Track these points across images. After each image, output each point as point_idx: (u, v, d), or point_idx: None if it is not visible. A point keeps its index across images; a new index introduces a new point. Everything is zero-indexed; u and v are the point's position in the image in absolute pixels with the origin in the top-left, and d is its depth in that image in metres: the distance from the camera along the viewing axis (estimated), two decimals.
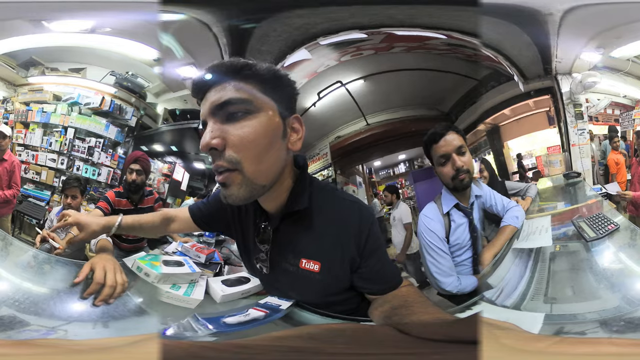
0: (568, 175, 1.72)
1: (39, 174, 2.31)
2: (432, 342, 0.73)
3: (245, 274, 1.47)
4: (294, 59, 1.81)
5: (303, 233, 0.98)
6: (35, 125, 2.29)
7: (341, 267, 1.00)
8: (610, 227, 1.43)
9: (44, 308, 1.07)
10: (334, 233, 0.97)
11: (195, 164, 2.93)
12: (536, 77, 1.68)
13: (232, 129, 0.74)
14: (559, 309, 1.23)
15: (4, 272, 1.27)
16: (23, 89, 2.22)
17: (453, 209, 1.59)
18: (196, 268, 1.39)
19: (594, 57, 1.60)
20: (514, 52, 1.64)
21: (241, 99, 0.75)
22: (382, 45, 1.73)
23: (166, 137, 2.51)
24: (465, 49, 1.64)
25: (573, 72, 1.63)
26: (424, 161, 1.91)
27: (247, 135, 0.75)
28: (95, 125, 2.33)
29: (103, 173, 2.39)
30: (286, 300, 1.13)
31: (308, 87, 1.87)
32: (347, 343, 0.78)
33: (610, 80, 1.61)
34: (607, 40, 1.55)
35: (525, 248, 1.56)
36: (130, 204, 2.13)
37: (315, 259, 0.98)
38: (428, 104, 1.79)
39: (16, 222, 2.24)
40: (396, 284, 1.07)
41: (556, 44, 1.57)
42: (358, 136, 1.87)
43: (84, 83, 2.25)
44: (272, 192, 0.91)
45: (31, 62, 2.17)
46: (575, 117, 1.67)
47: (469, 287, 1.52)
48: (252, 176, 0.80)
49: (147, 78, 2.30)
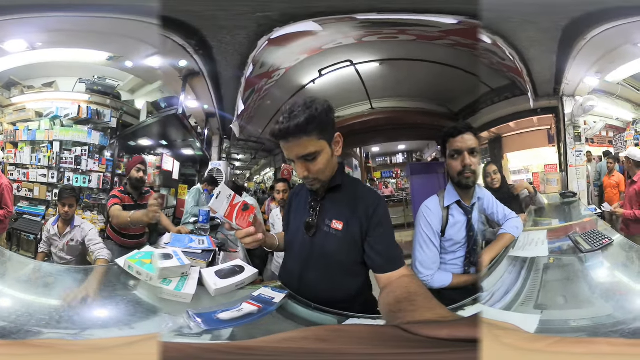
0: (564, 195, 1.76)
1: (32, 191, 2.41)
2: (435, 342, 0.74)
3: (239, 262, 1.47)
4: (294, 30, 1.73)
5: (335, 203, 1.33)
6: (23, 144, 2.39)
7: (356, 227, 1.28)
8: (605, 241, 1.49)
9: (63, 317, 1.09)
10: (353, 205, 1.30)
11: (184, 151, 2.94)
12: (545, 96, 1.76)
13: (311, 165, 1.21)
14: (549, 315, 1.23)
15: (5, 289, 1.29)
16: (8, 109, 2.32)
17: (454, 205, 1.57)
18: (185, 260, 1.38)
19: (594, 82, 1.73)
20: (538, 69, 1.70)
21: (312, 153, 1.19)
22: (431, 35, 1.70)
23: (150, 130, 2.58)
24: (494, 56, 1.67)
25: (576, 95, 1.74)
26: (422, 155, 1.86)
27: (318, 168, 1.22)
28: (78, 135, 2.44)
29: (93, 179, 2.49)
30: (279, 292, 1.29)
31: (307, 63, 1.83)
32: (354, 344, 0.80)
33: (604, 104, 1.74)
34: (604, 65, 1.69)
35: (519, 257, 1.55)
36: (131, 200, 2.27)
37: (340, 220, 1.30)
38: (439, 100, 1.77)
39: (13, 239, 2.32)
40: (396, 262, 1.25)
41: (570, 67, 1.67)
42: (360, 118, 1.80)
43: (59, 95, 2.35)
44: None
45: (11, 82, 2.26)
46: (574, 138, 1.75)
47: (437, 283, 1.53)
48: (323, 180, 1.28)
49: (116, 77, 2.38)
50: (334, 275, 1.32)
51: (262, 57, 1.95)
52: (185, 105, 2.48)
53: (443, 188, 1.59)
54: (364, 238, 1.27)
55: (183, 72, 2.29)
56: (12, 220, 2.30)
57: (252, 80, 2.09)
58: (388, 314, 1.09)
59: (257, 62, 1.99)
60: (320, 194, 1.34)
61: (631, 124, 1.87)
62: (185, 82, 2.34)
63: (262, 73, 2.05)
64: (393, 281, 1.20)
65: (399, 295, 1.10)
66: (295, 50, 1.86)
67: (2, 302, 1.21)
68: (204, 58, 2.09)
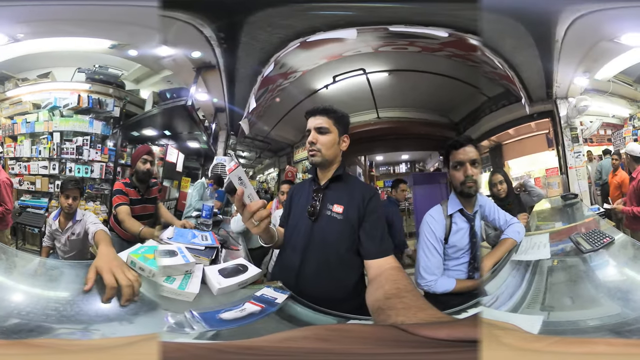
0: (566, 197, 1.78)
1: (34, 184, 2.38)
2: (435, 342, 0.74)
3: (242, 261, 1.48)
4: (332, 36, 1.81)
5: (337, 190, 1.51)
6: (22, 137, 2.37)
7: (354, 212, 1.45)
8: (606, 240, 1.50)
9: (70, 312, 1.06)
10: (352, 192, 1.49)
11: (189, 143, 2.86)
12: (540, 101, 1.80)
13: (321, 137, 1.48)
14: (556, 316, 1.23)
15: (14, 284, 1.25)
16: (4, 103, 2.29)
17: (457, 213, 1.64)
18: (190, 258, 1.34)
19: (584, 82, 1.76)
20: (527, 75, 1.76)
21: (325, 127, 1.48)
22: (432, 47, 1.78)
23: (155, 120, 2.49)
24: (486, 65, 1.73)
25: (569, 96, 1.76)
26: (425, 165, 1.91)
27: (323, 141, 1.48)
28: (79, 124, 2.38)
29: (95, 169, 2.42)
30: (282, 293, 1.29)
31: (324, 69, 1.90)
32: (354, 343, 0.79)
33: (598, 102, 1.75)
34: (589, 64, 1.71)
35: (523, 261, 1.58)
36: (138, 194, 2.17)
37: (340, 204, 1.47)
38: (441, 110, 1.84)
39: (18, 234, 2.29)
40: (387, 250, 1.39)
41: (557, 69, 1.71)
42: (366, 127, 1.87)
43: (57, 86, 2.31)
44: (328, 169, 1.52)
45: (4, 76, 2.24)
46: (571, 140, 1.77)
47: (440, 288, 1.60)
48: (323, 155, 1.48)
49: (120, 67, 2.32)
50: (331, 265, 1.44)
51: (286, 58, 2.02)
52: (195, 97, 2.44)
53: (445, 198, 1.68)
54: (359, 224, 1.44)
55: (197, 63, 2.27)
56: (16, 215, 2.26)
57: (268, 79, 2.14)
58: (376, 310, 1.10)
59: (279, 62, 2.06)
60: (322, 183, 1.53)
61: (628, 120, 1.87)
62: (198, 73, 2.31)
63: (280, 73, 2.11)
64: (382, 272, 1.29)
65: (388, 291, 1.14)
66: (318, 54, 1.93)
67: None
68: (226, 52, 2.12)
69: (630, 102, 1.84)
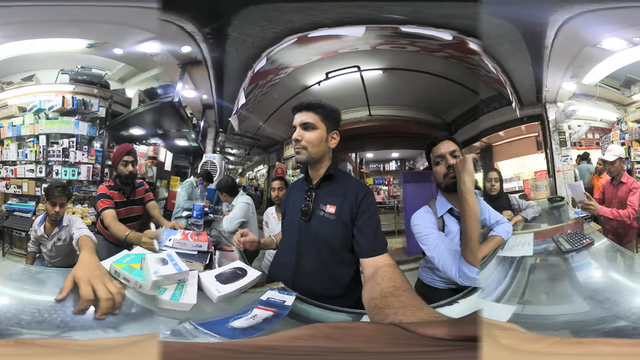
0: (552, 200, 1.81)
1: (20, 187, 2.38)
2: (434, 340, 0.74)
3: (240, 264, 1.39)
4: (334, 32, 1.82)
5: (329, 190, 1.48)
6: (9, 140, 2.37)
7: (347, 212, 1.42)
8: (585, 241, 1.56)
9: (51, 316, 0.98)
10: (344, 192, 1.45)
11: (177, 142, 2.84)
12: (530, 104, 1.84)
13: (306, 133, 1.43)
14: (529, 309, 1.29)
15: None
16: None
17: (447, 215, 1.62)
18: (183, 266, 1.23)
19: (572, 86, 1.80)
20: (519, 79, 1.80)
21: (311, 123, 1.42)
22: (432, 47, 1.80)
23: (142, 118, 2.48)
24: (481, 68, 1.77)
25: (557, 100, 1.81)
26: (415, 164, 1.95)
27: (309, 138, 1.42)
28: (65, 126, 2.38)
29: (82, 171, 2.43)
30: (288, 294, 1.24)
31: (316, 64, 1.92)
32: (362, 342, 0.79)
33: (586, 107, 1.79)
34: (576, 69, 1.75)
35: (507, 257, 1.63)
36: (123, 196, 2.09)
37: (333, 204, 1.44)
38: (433, 110, 1.88)
39: (5, 237, 2.29)
40: (381, 247, 1.37)
41: (547, 74, 1.76)
42: (358, 124, 1.91)
43: (41, 89, 2.31)
44: (318, 167, 1.48)
45: None
46: (559, 144, 1.81)
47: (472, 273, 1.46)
48: (309, 153, 1.43)
49: (105, 67, 2.31)
50: (326, 261, 1.43)
51: (280, 53, 2.01)
52: (182, 94, 2.41)
53: (434, 197, 1.64)
54: (353, 222, 1.42)
55: (182, 59, 2.23)
56: (3, 219, 2.25)
57: (258, 74, 2.12)
58: (373, 308, 1.09)
59: (270, 58, 2.04)
60: (314, 182, 1.49)
61: (616, 124, 1.91)
62: (184, 70, 2.28)
63: (271, 69, 2.09)
64: (379, 269, 1.28)
65: (385, 289, 1.15)
66: (313, 50, 1.93)
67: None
68: (213, 47, 2.07)
69: (617, 107, 1.87)
